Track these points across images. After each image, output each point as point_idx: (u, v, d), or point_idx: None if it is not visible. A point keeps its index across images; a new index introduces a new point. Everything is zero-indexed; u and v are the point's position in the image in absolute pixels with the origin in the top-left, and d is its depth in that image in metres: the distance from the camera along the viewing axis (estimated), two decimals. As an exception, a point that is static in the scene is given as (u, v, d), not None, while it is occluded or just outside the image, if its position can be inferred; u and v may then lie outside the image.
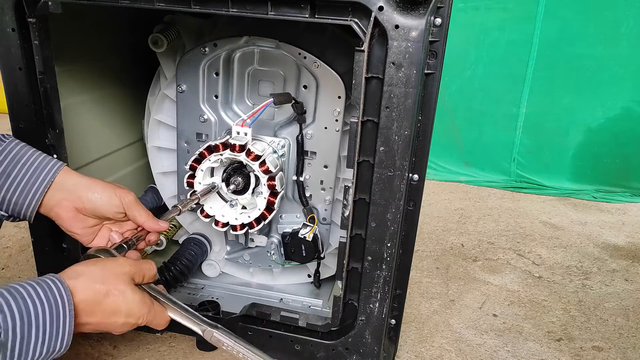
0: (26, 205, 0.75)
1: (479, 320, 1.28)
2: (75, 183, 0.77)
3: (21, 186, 0.74)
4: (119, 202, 0.79)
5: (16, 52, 0.86)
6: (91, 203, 0.77)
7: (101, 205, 0.78)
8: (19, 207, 0.75)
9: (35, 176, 0.74)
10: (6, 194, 0.74)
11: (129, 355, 1.06)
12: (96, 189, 0.78)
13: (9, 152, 0.74)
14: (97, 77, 1.17)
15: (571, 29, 2.18)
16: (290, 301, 1.17)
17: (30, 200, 0.74)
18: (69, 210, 0.77)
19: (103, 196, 0.77)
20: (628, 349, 1.20)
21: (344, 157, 1.03)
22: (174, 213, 0.88)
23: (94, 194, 0.77)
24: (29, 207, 0.75)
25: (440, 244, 1.71)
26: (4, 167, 0.73)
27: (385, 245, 0.87)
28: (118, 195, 0.79)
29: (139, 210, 0.80)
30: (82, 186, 0.77)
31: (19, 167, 0.74)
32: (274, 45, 0.99)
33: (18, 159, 0.74)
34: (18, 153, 0.74)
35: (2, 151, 0.74)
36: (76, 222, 0.78)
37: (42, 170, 0.75)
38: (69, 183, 0.77)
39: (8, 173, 0.73)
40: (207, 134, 1.08)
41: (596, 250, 1.74)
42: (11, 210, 0.75)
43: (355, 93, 0.77)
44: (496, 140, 2.43)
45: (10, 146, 0.75)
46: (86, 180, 0.78)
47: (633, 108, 2.22)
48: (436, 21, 0.77)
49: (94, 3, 0.82)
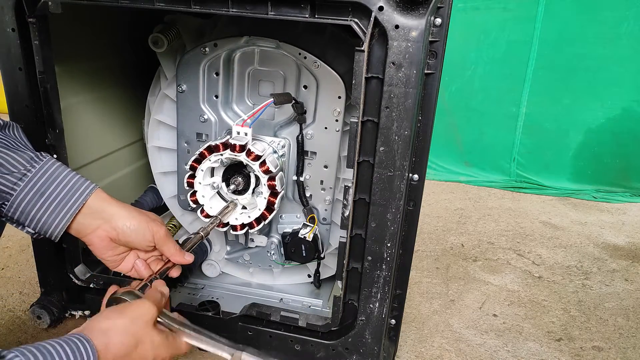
0: (54, 225, 0.76)
1: (479, 320, 1.28)
2: (112, 213, 0.79)
3: (52, 206, 0.75)
4: (151, 236, 0.81)
5: (16, 52, 0.86)
6: (125, 235, 0.79)
7: (135, 238, 0.80)
8: (47, 227, 0.76)
9: (67, 197, 0.75)
10: (37, 212, 0.75)
11: (129, 355, 1.06)
12: (132, 222, 0.80)
13: (45, 171, 0.75)
14: (97, 77, 1.17)
15: (571, 29, 2.18)
16: (290, 301, 1.17)
17: (59, 222, 0.76)
18: (102, 239, 0.79)
19: (138, 229, 0.80)
20: (628, 349, 1.20)
21: (344, 157, 1.03)
22: (197, 240, 0.91)
23: (130, 227, 0.79)
24: (57, 228, 0.76)
25: (440, 244, 1.71)
26: (39, 186, 0.74)
27: (385, 245, 0.87)
28: (151, 230, 0.81)
29: (168, 244, 0.83)
30: (119, 217, 0.79)
31: (53, 187, 0.75)
32: (274, 45, 0.99)
33: (53, 179, 0.75)
34: (54, 173, 0.76)
35: (39, 170, 0.75)
36: (107, 250, 0.81)
37: (75, 191, 0.76)
38: (107, 212, 0.78)
39: (42, 192, 0.74)
40: (207, 134, 1.08)
41: (596, 250, 1.74)
42: (39, 228, 0.76)
43: (355, 93, 0.77)
44: (496, 140, 2.43)
45: (47, 165, 0.76)
46: (123, 212, 0.80)
47: (633, 108, 2.22)
48: (436, 21, 0.77)
49: (94, 3, 0.82)
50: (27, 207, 0.74)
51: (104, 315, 0.67)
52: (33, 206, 0.74)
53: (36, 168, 0.75)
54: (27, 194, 0.74)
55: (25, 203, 0.74)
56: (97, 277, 1.06)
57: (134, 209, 0.82)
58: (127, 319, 0.67)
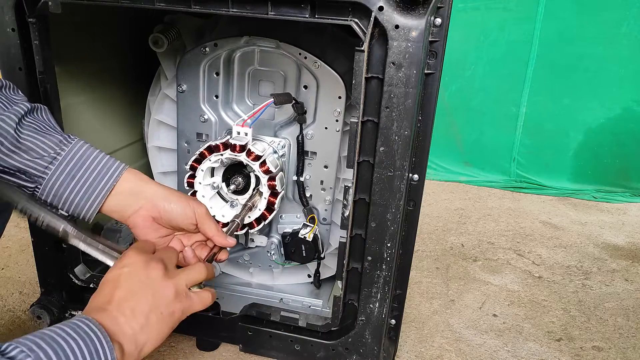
0: (87, 207, 0.75)
1: (479, 320, 1.28)
2: (153, 192, 0.78)
3: (84, 188, 0.74)
4: (192, 213, 0.80)
5: (16, 52, 0.86)
6: (167, 213, 0.78)
7: (177, 215, 0.78)
8: (80, 209, 0.75)
9: (98, 179, 0.75)
10: (69, 195, 0.74)
11: (129, 355, 1.06)
12: (172, 199, 0.78)
13: (75, 153, 0.74)
14: (97, 77, 1.17)
15: (571, 29, 2.18)
16: (290, 301, 1.17)
17: (91, 203, 0.75)
18: (145, 219, 0.78)
19: (178, 207, 0.78)
20: (628, 349, 1.20)
21: (344, 157, 1.03)
22: (234, 227, 0.91)
23: (171, 204, 0.78)
24: (90, 210, 0.75)
25: (440, 244, 1.71)
26: (70, 168, 0.74)
27: (385, 245, 0.87)
28: (192, 207, 0.80)
29: (209, 223, 0.81)
30: (159, 195, 0.78)
31: (84, 169, 0.74)
32: (275, 45, 0.99)
33: (84, 161, 0.74)
34: (84, 154, 0.75)
35: (69, 152, 0.74)
36: (151, 232, 0.79)
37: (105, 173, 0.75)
38: (147, 192, 0.77)
39: (73, 175, 0.74)
40: (207, 134, 1.08)
41: (596, 250, 1.74)
42: (72, 211, 0.76)
43: (355, 93, 0.77)
44: (496, 140, 2.43)
45: (77, 147, 0.75)
46: (163, 190, 0.79)
47: (633, 108, 2.22)
48: (436, 21, 0.77)
49: (94, 3, 0.82)
50: (60, 190, 0.74)
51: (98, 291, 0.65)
52: (65, 189, 0.74)
53: (65, 151, 0.74)
54: (58, 177, 0.73)
55: (58, 186, 0.73)
56: (97, 277, 1.06)
57: (173, 188, 0.81)
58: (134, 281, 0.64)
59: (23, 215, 0.71)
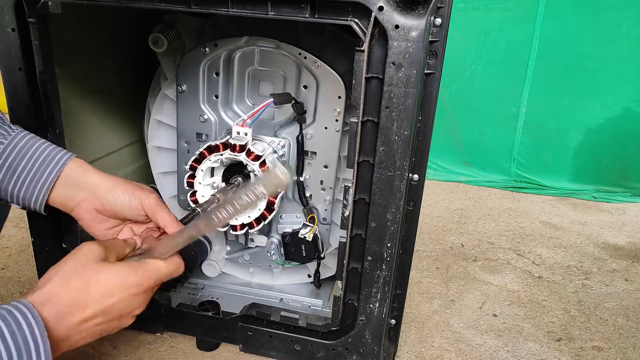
0: (33, 200, 0.73)
1: (479, 320, 1.28)
2: (95, 184, 0.74)
3: (27, 181, 0.72)
4: (140, 204, 0.76)
5: (16, 52, 0.86)
6: (111, 205, 0.75)
7: (121, 207, 0.75)
8: (28, 201, 0.73)
9: (41, 170, 0.72)
10: (13, 189, 0.72)
11: (129, 355, 1.06)
12: (116, 191, 0.75)
13: (15, 145, 0.72)
14: (97, 77, 1.17)
15: (571, 29, 2.18)
16: (290, 301, 1.17)
17: (37, 196, 0.72)
18: (89, 212, 0.75)
19: (123, 198, 0.74)
20: (628, 349, 1.20)
21: (344, 157, 1.03)
22: (193, 215, 0.85)
23: (114, 196, 0.74)
24: (37, 202, 0.73)
25: (440, 244, 1.71)
26: (10, 161, 0.71)
27: (385, 245, 0.87)
28: (138, 197, 0.76)
29: (161, 213, 0.76)
30: (101, 188, 0.74)
31: (25, 161, 0.72)
32: (274, 45, 0.99)
33: (24, 153, 0.72)
34: (24, 146, 0.72)
35: (8, 145, 0.71)
36: (96, 224, 0.76)
37: (48, 163, 0.72)
38: (89, 182, 0.74)
39: (14, 168, 0.71)
40: (207, 134, 1.08)
41: (596, 250, 1.74)
42: (22, 204, 0.74)
43: (355, 93, 0.77)
44: (496, 140, 2.43)
45: (17, 139, 0.72)
46: (105, 181, 0.75)
47: (633, 108, 2.22)
48: (436, 21, 0.77)
49: (94, 3, 0.82)
50: (3, 184, 0.71)
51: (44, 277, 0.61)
52: (7, 184, 0.71)
53: (4, 143, 0.71)
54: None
55: (0, 181, 0.71)
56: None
57: (119, 178, 0.77)
58: (65, 265, 0.60)
59: None
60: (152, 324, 1.09)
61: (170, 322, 1.08)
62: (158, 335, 1.11)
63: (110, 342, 1.09)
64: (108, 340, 1.09)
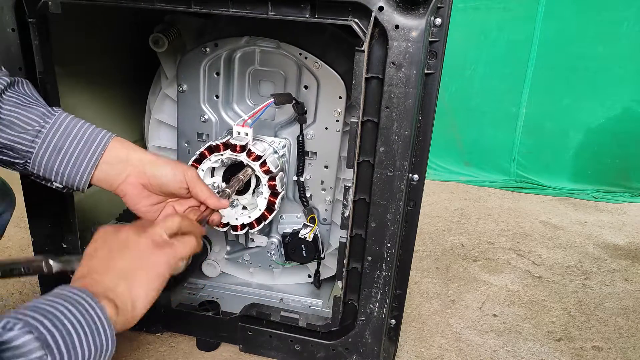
0: (78, 178, 0.75)
1: (479, 320, 1.28)
2: (139, 158, 0.76)
3: (73, 160, 0.74)
4: (183, 177, 0.78)
5: (16, 52, 0.86)
6: (156, 178, 0.76)
7: (167, 181, 0.77)
8: (72, 180, 0.75)
9: (85, 149, 0.74)
10: (59, 168, 0.74)
11: (129, 355, 1.06)
12: (160, 163, 0.77)
13: (60, 125, 0.74)
14: (98, 77, 1.17)
15: (571, 29, 2.18)
16: (290, 301, 1.17)
17: (82, 174, 0.74)
18: (135, 187, 0.77)
19: (167, 171, 0.77)
20: (628, 349, 1.20)
21: (344, 157, 1.03)
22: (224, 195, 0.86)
23: (159, 168, 0.77)
24: (81, 181, 0.75)
25: (440, 244, 1.71)
26: (55, 141, 0.73)
27: (385, 245, 0.87)
28: (182, 170, 0.78)
29: (201, 186, 0.79)
30: (147, 162, 0.77)
31: (69, 141, 0.74)
32: (275, 45, 0.99)
33: (68, 133, 0.74)
34: (68, 126, 0.74)
35: (53, 125, 0.73)
36: (142, 199, 0.78)
37: (92, 143, 0.75)
38: (134, 159, 0.76)
39: (60, 147, 0.73)
40: (207, 134, 1.08)
41: (596, 250, 1.74)
42: (65, 182, 0.76)
43: (355, 93, 0.77)
44: (496, 140, 2.43)
45: (60, 119, 0.74)
46: (149, 156, 0.78)
47: (633, 108, 2.22)
48: (436, 21, 0.77)
49: (94, 3, 0.82)
50: (49, 163, 0.74)
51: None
52: (54, 162, 0.74)
53: (49, 124, 0.73)
54: (45, 150, 0.73)
55: (46, 160, 0.73)
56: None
57: (162, 156, 0.80)
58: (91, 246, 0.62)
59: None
60: (152, 324, 1.09)
61: (170, 322, 1.08)
62: (158, 335, 1.11)
63: (111, 342, 1.09)
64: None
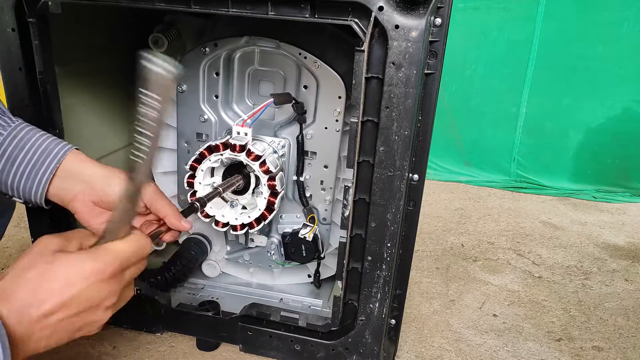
0: (33, 193, 0.71)
1: (479, 320, 1.28)
2: (91, 174, 0.72)
3: (26, 173, 0.70)
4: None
5: (16, 52, 0.86)
6: (107, 196, 0.72)
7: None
8: (28, 194, 0.71)
9: (40, 162, 0.70)
10: (12, 181, 0.70)
11: (128, 355, 1.06)
12: (112, 180, 0.72)
13: (14, 136, 0.70)
14: (97, 77, 1.17)
15: (571, 29, 2.18)
16: (290, 301, 1.17)
17: (37, 188, 0.71)
18: (85, 204, 0.72)
19: (120, 188, 0.68)
20: (628, 349, 1.20)
21: (344, 157, 1.03)
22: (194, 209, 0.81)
23: (110, 185, 0.72)
24: (37, 195, 0.71)
25: (440, 244, 1.71)
26: (9, 152, 0.70)
27: (385, 245, 0.87)
28: None
29: (162, 203, 0.74)
30: (97, 178, 0.72)
31: (24, 152, 0.70)
32: (275, 45, 0.99)
33: (23, 145, 0.70)
34: (24, 138, 0.71)
35: (7, 136, 0.70)
36: (93, 217, 0.73)
37: (47, 155, 0.71)
38: (85, 174, 0.72)
39: (13, 159, 0.70)
40: (207, 134, 1.08)
41: (596, 250, 1.74)
42: (22, 197, 0.72)
43: (355, 93, 0.77)
44: (496, 140, 2.43)
45: (16, 130, 0.71)
46: (103, 171, 0.73)
47: (633, 108, 2.23)
48: (436, 21, 0.77)
49: (94, 3, 0.82)
50: (2, 176, 0.70)
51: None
52: (7, 175, 0.70)
53: (4, 135, 0.70)
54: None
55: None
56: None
57: (116, 168, 0.74)
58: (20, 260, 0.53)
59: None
60: (152, 324, 1.09)
61: (170, 322, 1.08)
62: (158, 335, 1.11)
63: (110, 342, 1.09)
64: (108, 340, 1.09)
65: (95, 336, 1.10)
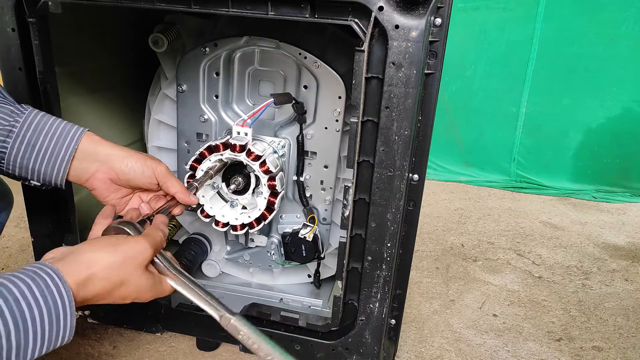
0: (55, 174, 0.76)
1: (479, 320, 1.28)
2: (108, 154, 0.78)
3: (47, 156, 0.74)
4: (152, 173, 0.80)
5: (16, 52, 0.86)
6: (124, 174, 0.78)
7: (135, 176, 0.79)
8: (49, 177, 0.76)
9: (59, 145, 0.75)
10: (34, 165, 0.75)
11: (128, 355, 1.06)
12: (129, 160, 0.79)
13: (30, 122, 0.74)
14: (98, 77, 1.17)
15: (571, 29, 2.18)
16: (290, 301, 1.17)
17: (57, 170, 0.75)
18: (103, 182, 0.78)
19: (137, 167, 0.79)
20: (628, 349, 1.20)
21: (344, 157, 1.03)
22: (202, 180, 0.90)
23: (127, 165, 0.78)
24: (58, 176, 0.76)
25: (440, 244, 1.71)
26: (28, 138, 0.74)
27: (385, 245, 0.87)
28: (150, 166, 0.80)
29: (172, 181, 0.81)
30: (115, 157, 0.78)
31: (42, 137, 0.74)
32: (275, 45, 0.99)
33: (40, 130, 0.74)
34: (39, 123, 0.75)
35: (24, 123, 0.74)
36: (110, 193, 0.80)
37: (64, 138, 0.75)
38: (102, 154, 0.78)
39: (33, 144, 0.74)
40: (207, 134, 1.08)
41: (596, 250, 1.74)
42: (42, 179, 0.76)
43: (355, 93, 0.77)
44: (496, 140, 2.43)
45: (31, 117, 0.75)
46: (119, 151, 0.79)
47: (633, 108, 2.23)
48: (436, 21, 0.77)
49: (94, 3, 0.82)
50: (24, 161, 0.74)
51: (94, 246, 0.61)
52: (29, 159, 0.74)
53: (20, 122, 0.73)
54: (18, 148, 0.73)
55: (21, 158, 0.74)
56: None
57: (130, 149, 0.81)
58: (120, 256, 0.61)
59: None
60: (152, 324, 1.09)
61: (170, 322, 1.08)
62: (158, 335, 1.11)
63: (110, 342, 1.09)
64: (108, 340, 1.09)
65: (95, 336, 1.10)
